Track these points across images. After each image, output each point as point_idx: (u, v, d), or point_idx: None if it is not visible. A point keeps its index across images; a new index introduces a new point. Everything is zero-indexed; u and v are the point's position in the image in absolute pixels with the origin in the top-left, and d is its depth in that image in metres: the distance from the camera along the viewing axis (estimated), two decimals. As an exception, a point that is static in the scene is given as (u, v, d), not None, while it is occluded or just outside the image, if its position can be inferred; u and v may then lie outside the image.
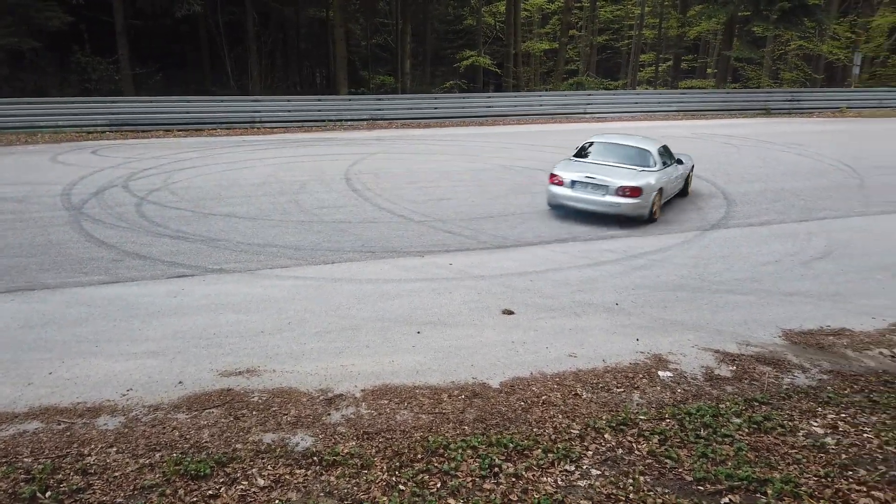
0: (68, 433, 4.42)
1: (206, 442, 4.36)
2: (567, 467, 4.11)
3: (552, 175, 10.51)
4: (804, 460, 4.15)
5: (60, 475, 3.95)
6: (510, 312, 6.63)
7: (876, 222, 10.45)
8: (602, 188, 9.91)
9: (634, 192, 9.72)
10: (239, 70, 30.79)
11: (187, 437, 4.41)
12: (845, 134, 21.55)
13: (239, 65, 30.90)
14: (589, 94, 28.12)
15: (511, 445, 4.31)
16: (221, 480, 3.95)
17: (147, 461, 4.12)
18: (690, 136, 20.63)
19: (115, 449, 4.25)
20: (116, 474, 3.98)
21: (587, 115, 26.73)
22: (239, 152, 16.91)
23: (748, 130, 22.23)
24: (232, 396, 4.97)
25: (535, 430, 4.56)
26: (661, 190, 10.22)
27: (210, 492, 3.83)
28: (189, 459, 4.11)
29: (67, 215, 10.10)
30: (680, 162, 11.36)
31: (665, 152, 11.10)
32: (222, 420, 4.64)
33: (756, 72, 38.91)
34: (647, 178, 9.94)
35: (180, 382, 5.16)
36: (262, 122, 22.91)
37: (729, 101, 28.90)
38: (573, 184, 10.16)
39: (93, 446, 4.26)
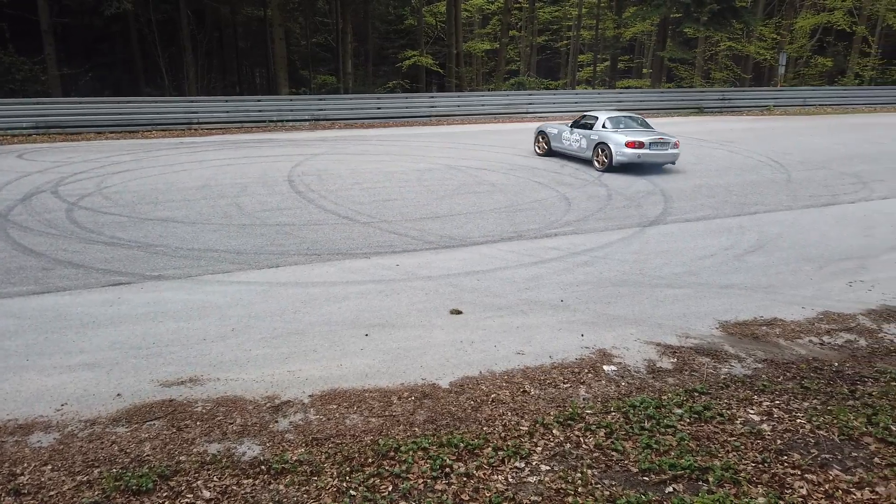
0: (-2, 453, 4.20)
1: (147, 455, 4.21)
2: (517, 464, 4.16)
3: (630, 142, 13.80)
4: (742, 447, 4.32)
5: (-10, 498, 3.75)
6: (458, 312, 6.66)
7: (803, 215, 10.97)
8: (667, 144, 14.03)
9: (677, 143, 14.19)
10: (174, 70, 29.88)
11: (127, 451, 4.26)
12: (773, 131, 22.54)
13: (174, 65, 29.99)
14: (530, 94, 28.53)
15: (462, 445, 4.33)
16: (165, 495, 3.82)
17: (85, 478, 3.95)
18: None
19: (49, 467, 4.05)
20: (52, 493, 3.80)
21: (529, 115, 27.12)
22: (176, 155, 16.43)
23: (683, 129, 22.97)
24: (174, 407, 4.81)
25: (485, 428, 4.59)
26: None
27: (153, 507, 3.70)
28: (130, 474, 3.96)
29: (-9, 223, 9.59)
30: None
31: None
32: (164, 432, 4.49)
33: (689, 72, 40.31)
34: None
35: (118, 395, 4.97)
36: (200, 124, 22.33)
37: (664, 100, 29.83)
38: (651, 145, 13.86)
39: (26, 465, 4.06)
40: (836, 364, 5.67)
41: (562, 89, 38.66)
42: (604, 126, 14.79)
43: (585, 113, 15.86)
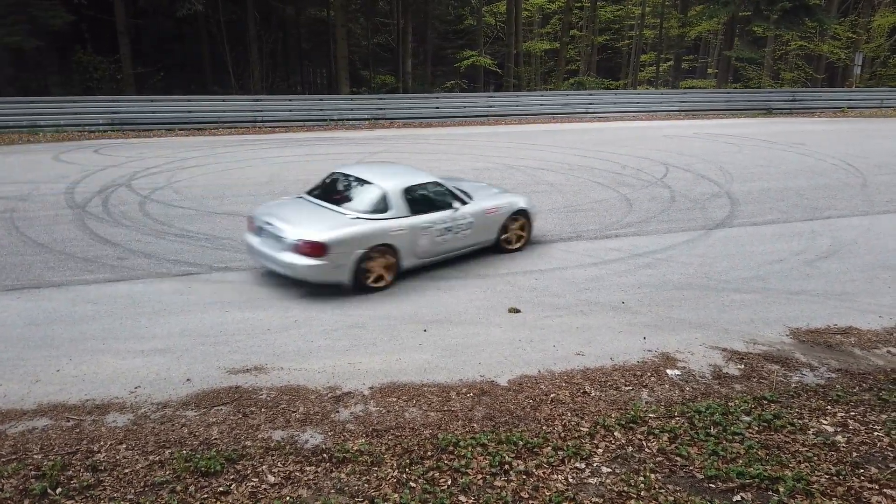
0: (77, 430, 4.41)
1: (215, 439, 4.35)
2: (577, 465, 4.10)
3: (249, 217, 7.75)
4: (815, 458, 4.14)
5: (70, 472, 3.95)
6: (517, 311, 6.62)
7: (879, 221, 10.44)
8: (277, 239, 6.99)
9: (315, 249, 6.71)
10: (240, 70, 30.75)
11: (196, 434, 4.41)
12: (847, 133, 21.54)
13: (240, 64, 30.86)
14: (590, 94, 28.12)
15: (521, 443, 4.30)
16: (232, 477, 3.94)
17: (157, 458, 4.11)
18: (692, 135, 20.62)
19: (124, 446, 4.24)
20: (126, 471, 3.97)
21: (588, 115, 26.73)
22: (241, 151, 16.91)
23: (750, 130, 22.22)
24: (240, 394, 4.96)
25: (544, 427, 4.55)
26: (390, 247, 7.21)
27: (220, 488, 3.82)
28: (199, 456, 4.10)
29: (71, 213, 10.09)
30: (463, 202, 8.00)
31: (427, 189, 7.87)
32: (231, 417, 4.63)
33: (757, 72, 38.93)
34: (347, 230, 6.95)
35: (188, 380, 5.15)
36: (264, 122, 22.91)
37: (730, 100, 28.90)
38: (260, 231, 7.30)
39: (102, 443, 4.25)
40: (918, 376, 5.38)
41: (622, 89, 37.97)
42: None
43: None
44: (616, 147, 17.72)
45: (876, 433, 4.47)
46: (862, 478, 3.95)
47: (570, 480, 3.95)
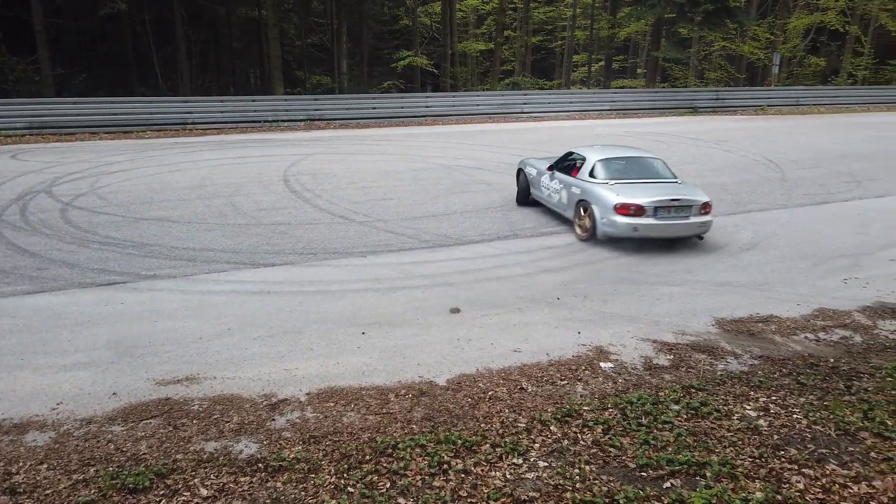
0: (-7, 452, 4.17)
1: (143, 454, 4.19)
2: (515, 461, 4.15)
3: (623, 206, 8.47)
4: (739, 442, 4.33)
5: (-15, 497, 3.73)
6: (457, 311, 6.65)
7: (797, 214, 11.00)
8: (689, 207, 8.60)
9: (707, 207, 8.75)
10: (168, 70, 29.80)
11: (123, 449, 4.24)
12: (767, 131, 22.61)
13: (168, 65, 29.90)
14: (526, 94, 28.55)
15: (459, 442, 4.32)
16: (161, 493, 3.80)
17: (81, 477, 3.93)
18: (624, 134, 21.21)
19: (45, 466, 4.03)
20: (48, 492, 3.78)
21: (524, 115, 27.14)
22: (171, 155, 16.38)
23: (677, 128, 23.04)
24: (170, 406, 4.80)
25: (482, 425, 4.59)
26: None
27: (150, 505, 3.69)
28: (126, 473, 3.94)
29: (-15, 223, 9.54)
30: None
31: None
32: (161, 430, 4.47)
33: (683, 72, 40.39)
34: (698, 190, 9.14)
35: (114, 394, 4.95)
36: (195, 124, 22.28)
37: (659, 100, 29.89)
38: (658, 210, 8.48)
39: (21, 464, 4.04)
40: (832, 360, 5.69)
41: (556, 89, 38.70)
42: (592, 173, 9.40)
43: (575, 149, 10.44)
44: (552, 146, 18.03)
45: (795, 416, 4.70)
46: (783, 459, 4.14)
47: (508, 476, 3.99)
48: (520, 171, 11.57)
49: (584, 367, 5.51)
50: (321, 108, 24.60)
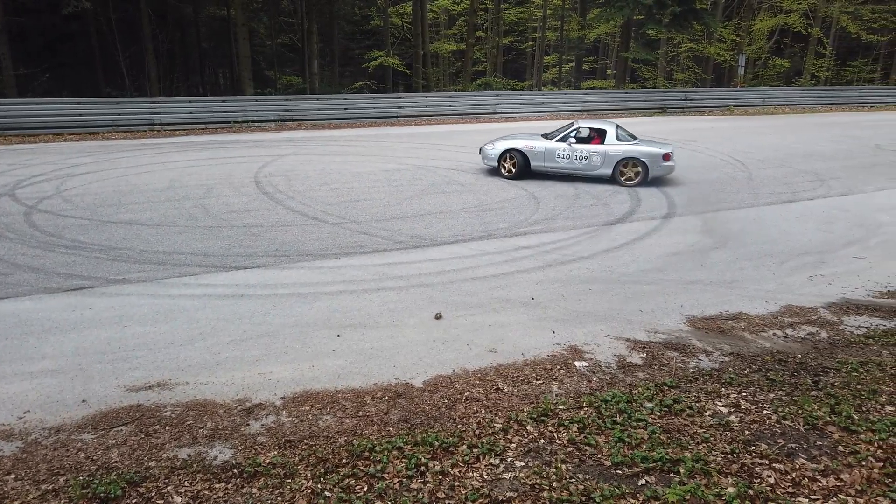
0: (-43, 464, 4.05)
1: (115, 462, 4.12)
2: (492, 461, 4.17)
3: (664, 155, 13.00)
4: (712, 438, 4.40)
5: (-50, 510, 3.63)
6: (440, 317, 6.63)
7: (764, 212, 11.23)
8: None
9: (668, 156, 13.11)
10: (136, 70, 29.27)
11: (94, 458, 4.15)
12: (734, 130, 23.03)
13: (135, 65, 29.37)
14: (498, 95, 28.64)
15: (437, 443, 4.33)
16: (134, 501, 3.74)
17: (50, 486, 3.84)
18: (595, 134, 21.40)
19: (13, 476, 3.93)
20: (16, 503, 3.69)
21: (497, 115, 27.23)
22: (139, 156, 16.09)
23: (647, 128, 23.33)
24: (142, 412, 4.72)
25: (459, 426, 4.60)
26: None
27: (122, 514, 3.62)
28: (97, 482, 3.87)
29: (-55, 227, 9.26)
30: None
31: None
32: (132, 438, 4.39)
33: (652, 73, 40.96)
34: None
35: (84, 401, 4.85)
36: (163, 125, 21.90)
37: (628, 100, 30.23)
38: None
39: (-14, 476, 3.93)
40: (800, 356, 5.82)
41: (528, 90, 38.93)
42: (618, 137, 13.18)
43: (574, 125, 13.53)
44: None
45: (765, 411, 4.80)
46: (754, 454, 4.23)
47: (486, 477, 4.01)
48: (510, 151, 13.69)
49: (559, 367, 5.56)
50: (292, 108, 24.37)
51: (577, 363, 5.63)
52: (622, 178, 13.12)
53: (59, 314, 6.44)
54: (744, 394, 5.09)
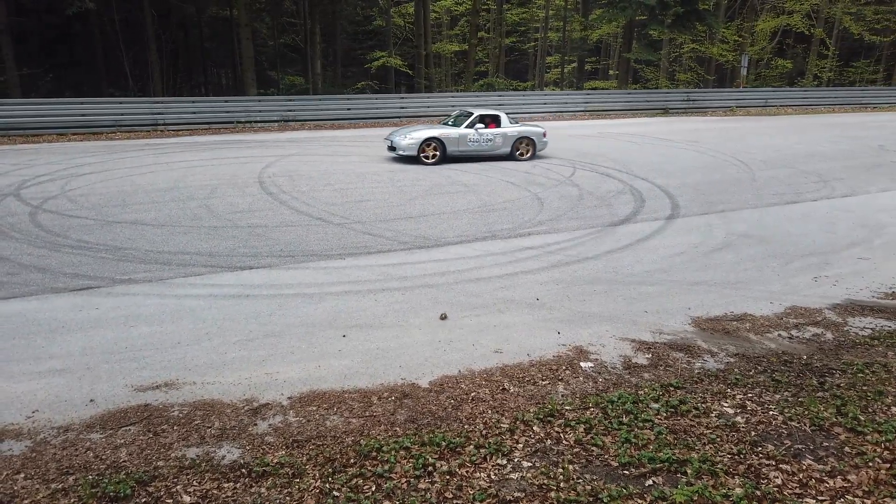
0: (-33, 463, 4.08)
1: (124, 461, 4.13)
2: (499, 461, 4.18)
3: (544, 133, 16.55)
4: (718, 439, 4.41)
5: (-39, 509, 3.65)
6: (445, 317, 6.65)
7: (767, 213, 11.24)
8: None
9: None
10: (138, 70, 29.31)
11: (103, 457, 4.17)
12: (736, 131, 23.04)
13: (138, 65, 29.41)
14: (500, 96, 28.68)
15: (444, 443, 4.34)
16: (143, 500, 3.75)
17: (60, 486, 3.86)
18: (597, 135, 21.45)
19: (22, 475, 3.95)
20: (26, 502, 3.71)
21: (499, 116, 27.22)
22: (142, 156, 16.13)
23: (650, 129, 23.36)
24: (150, 412, 4.73)
25: (466, 426, 4.61)
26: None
27: (132, 514, 3.64)
28: (107, 481, 3.88)
29: (-49, 227, 9.29)
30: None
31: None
32: (141, 437, 4.41)
33: (654, 73, 40.97)
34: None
35: (92, 401, 4.87)
36: (166, 125, 21.96)
37: (631, 101, 30.25)
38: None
39: (-4, 475, 3.95)
40: (805, 357, 5.83)
41: (530, 91, 38.94)
42: (511, 121, 16.44)
43: (473, 114, 16.09)
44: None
45: (771, 412, 4.81)
46: (760, 455, 4.24)
47: (493, 477, 4.02)
48: (430, 139, 15.50)
49: (564, 367, 5.57)
50: (295, 108, 24.42)
51: (582, 364, 5.64)
52: (517, 154, 16.10)
53: (65, 314, 6.46)
54: (750, 395, 5.10)
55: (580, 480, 3.97)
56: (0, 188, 11.92)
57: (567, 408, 4.86)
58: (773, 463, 4.14)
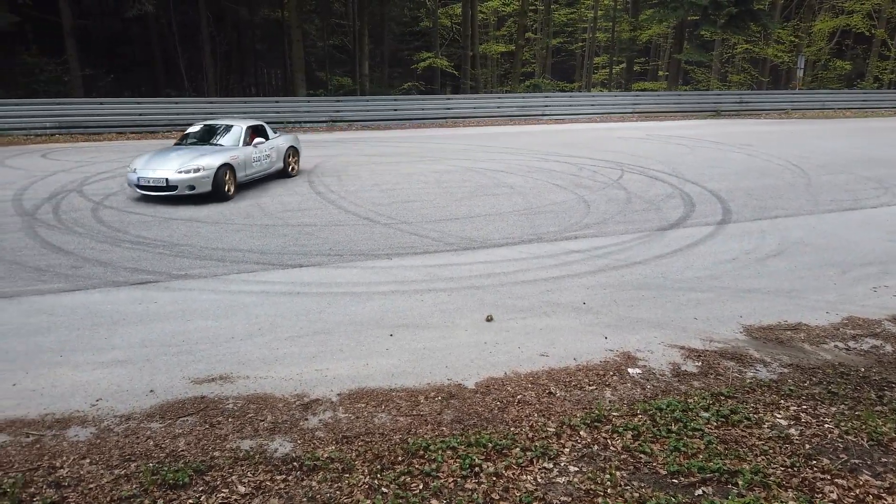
0: (38, 446, 4.30)
1: (182, 450, 4.29)
2: (546, 465, 4.19)
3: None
4: (771, 451, 4.32)
5: (33, 489, 3.85)
6: (490, 319, 6.68)
7: (824, 220, 10.90)
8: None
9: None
10: (193, 71, 30.17)
11: (162, 446, 4.34)
12: (791, 134, 22.39)
13: (193, 66, 30.28)
14: (546, 97, 28.52)
15: (490, 445, 4.37)
16: (201, 489, 3.90)
17: (122, 472, 4.04)
18: (645, 137, 21.13)
19: (88, 460, 4.15)
20: (91, 486, 3.89)
21: (545, 118, 27.11)
22: (196, 155, 16.57)
23: (700, 131, 22.89)
24: (206, 404, 4.90)
25: (512, 429, 4.63)
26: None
27: (190, 500, 3.78)
28: (166, 469, 4.04)
29: (20, 221, 9.77)
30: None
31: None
32: (198, 428, 4.57)
33: (705, 74, 40.10)
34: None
35: (151, 391, 5.07)
36: (219, 124, 22.50)
37: (681, 102, 29.69)
38: None
39: (65, 458, 4.16)
40: (863, 369, 5.65)
41: (577, 92, 38.59)
42: (274, 132, 13.64)
43: (211, 127, 13.22)
44: (572, 149, 18.04)
45: (826, 425, 4.69)
46: (815, 469, 4.14)
47: (539, 480, 4.03)
48: (225, 166, 11.53)
49: (611, 373, 5.53)
50: (343, 109, 24.78)
51: (630, 370, 5.59)
52: (289, 169, 13.67)
53: (126, 307, 6.73)
54: (804, 406, 4.98)
55: (627, 487, 3.95)
56: (64, 185, 12.45)
57: (614, 414, 4.83)
58: (829, 477, 4.04)
